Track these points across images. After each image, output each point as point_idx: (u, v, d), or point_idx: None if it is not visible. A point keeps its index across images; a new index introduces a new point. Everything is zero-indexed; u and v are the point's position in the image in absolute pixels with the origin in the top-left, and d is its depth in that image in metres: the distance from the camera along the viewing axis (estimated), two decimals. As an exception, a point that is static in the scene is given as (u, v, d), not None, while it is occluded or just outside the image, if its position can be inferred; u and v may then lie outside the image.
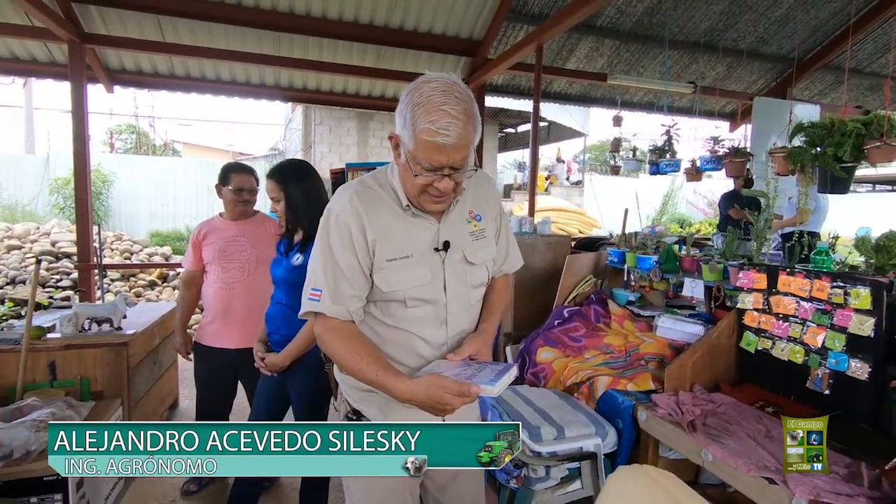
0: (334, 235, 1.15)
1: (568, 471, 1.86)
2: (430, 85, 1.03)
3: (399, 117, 1.06)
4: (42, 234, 7.20)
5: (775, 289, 1.81)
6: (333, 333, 1.15)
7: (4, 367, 2.34)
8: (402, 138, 1.07)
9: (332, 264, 1.15)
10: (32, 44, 4.59)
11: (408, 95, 1.04)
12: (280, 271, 1.98)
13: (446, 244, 1.19)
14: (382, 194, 1.18)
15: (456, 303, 1.22)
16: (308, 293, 1.17)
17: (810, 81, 6.63)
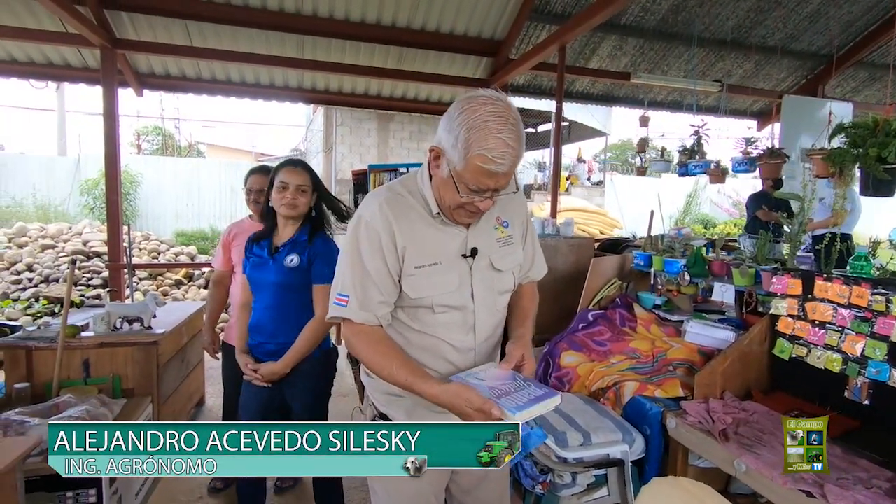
0: (364, 241, 1.15)
1: (594, 477, 1.84)
2: (485, 108, 1.00)
3: (447, 134, 1.04)
4: (74, 233, 7.42)
5: (811, 295, 1.76)
6: (361, 337, 1.16)
7: (41, 365, 2.41)
8: (448, 155, 1.06)
9: (361, 270, 1.14)
10: (66, 49, 4.73)
11: (461, 115, 1.01)
12: (270, 275, 1.88)
13: (474, 251, 1.19)
14: (412, 201, 1.18)
15: (483, 309, 1.23)
16: (335, 298, 1.17)
17: (842, 78, 6.43)
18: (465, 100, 1.03)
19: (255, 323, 1.93)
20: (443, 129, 1.06)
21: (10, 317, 5.15)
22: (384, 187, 1.22)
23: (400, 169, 4.57)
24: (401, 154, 9.84)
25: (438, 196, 1.14)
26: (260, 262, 1.91)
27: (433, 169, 1.12)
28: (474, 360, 1.24)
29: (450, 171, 1.06)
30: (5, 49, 4.72)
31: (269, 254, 1.90)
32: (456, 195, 1.08)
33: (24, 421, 1.94)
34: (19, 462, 1.52)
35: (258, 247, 1.94)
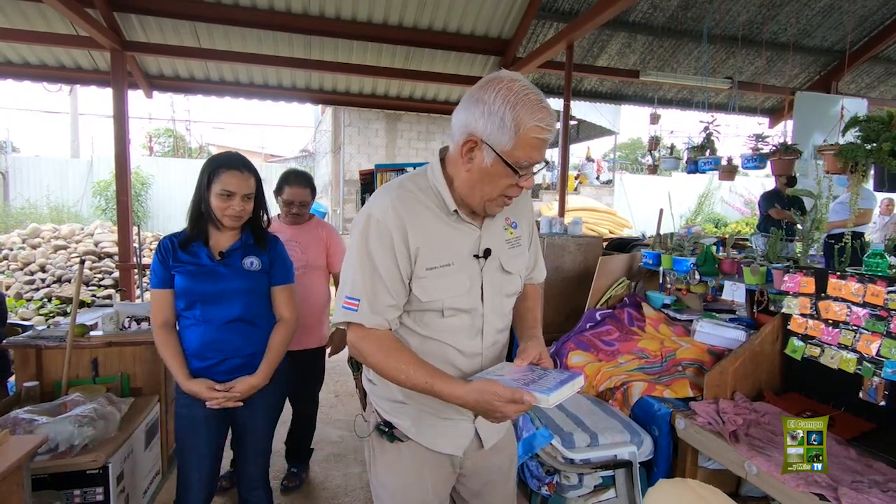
0: (374, 241, 1.08)
1: (602, 479, 1.81)
2: (516, 84, 0.99)
3: (486, 119, 0.99)
4: (86, 234, 7.51)
5: (824, 293, 1.71)
6: (370, 343, 1.10)
7: (51, 363, 2.43)
8: (492, 140, 1.00)
9: (372, 272, 1.08)
10: (77, 52, 4.79)
11: (497, 96, 0.98)
12: (229, 282, 1.69)
13: (487, 251, 1.15)
14: (424, 198, 1.12)
15: (492, 312, 1.19)
16: (342, 301, 1.11)
17: (856, 74, 6.33)
18: (491, 82, 1.01)
19: (209, 340, 1.68)
20: (477, 116, 1.00)
21: (24, 316, 5.23)
22: (394, 184, 1.16)
23: (406, 168, 4.57)
24: (409, 154, 9.85)
25: (467, 191, 1.09)
26: (202, 271, 1.67)
27: (464, 164, 1.06)
28: (480, 365, 1.21)
29: (495, 158, 1.01)
30: (19, 52, 4.79)
31: (211, 260, 1.69)
32: (499, 183, 1.04)
33: (32, 419, 1.95)
34: (26, 460, 1.53)
35: (186, 254, 1.68)
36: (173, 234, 1.73)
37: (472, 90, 1.04)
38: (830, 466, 1.38)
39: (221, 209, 1.65)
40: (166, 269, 1.67)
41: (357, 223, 1.12)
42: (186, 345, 1.69)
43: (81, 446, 1.98)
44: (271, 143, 22.23)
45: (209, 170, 1.66)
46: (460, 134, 1.04)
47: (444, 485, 1.26)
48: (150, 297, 1.71)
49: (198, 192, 1.67)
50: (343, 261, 1.16)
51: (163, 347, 1.67)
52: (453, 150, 1.09)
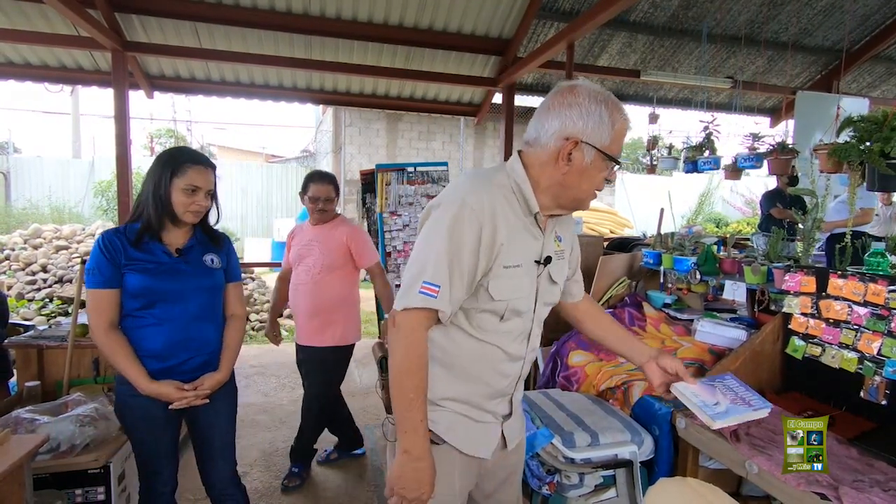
0: (465, 230, 1.05)
1: (602, 478, 1.81)
2: (596, 86, 1.10)
3: (584, 119, 1.07)
4: (87, 234, 7.52)
5: (825, 292, 1.71)
6: (420, 335, 1.07)
7: (52, 363, 2.44)
8: (592, 137, 1.07)
9: (457, 261, 1.05)
10: (79, 53, 4.79)
11: (588, 97, 1.07)
12: (192, 279, 1.65)
13: (548, 259, 1.18)
14: (509, 196, 1.13)
15: (537, 318, 1.23)
16: (419, 285, 1.05)
17: (858, 74, 6.32)
18: (574, 88, 1.09)
19: (176, 339, 1.62)
20: (575, 119, 1.07)
21: (25, 317, 5.24)
22: (482, 176, 1.15)
23: (407, 168, 4.58)
24: (410, 154, 9.86)
25: (560, 191, 1.12)
26: (161, 269, 1.60)
27: (561, 166, 1.09)
28: (521, 371, 1.24)
29: (595, 154, 1.08)
30: (20, 53, 4.80)
31: (170, 257, 1.63)
32: (596, 179, 1.11)
33: (34, 419, 1.96)
34: (27, 459, 1.54)
35: (139, 251, 1.59)
36: (115, 229, 1.62)
37: (551, 100, 1.10)
38: (831, 466, 1.38)
39: (185, 205, 1.60)
40: (115, 268, 1.56)
41: (447, 208, 1.08)
42: (145, 345, 1.59)
43: (83, 446, 1.99)
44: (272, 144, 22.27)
45: (172, 164, 1.60)
46: (555, 139, 1.09)
47: (468, 488, 1.27)
48: (90, 297, 1.56)
49: (156, 187, 1.59)
50: (418, 243, 1.12)
51: (115, 351, 1.56)
52: (543, 155, 1.11)
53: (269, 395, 3.92)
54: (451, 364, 1.16)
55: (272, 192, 13.21)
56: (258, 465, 2.84)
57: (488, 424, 1.22)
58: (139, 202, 1.63)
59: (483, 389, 1.19)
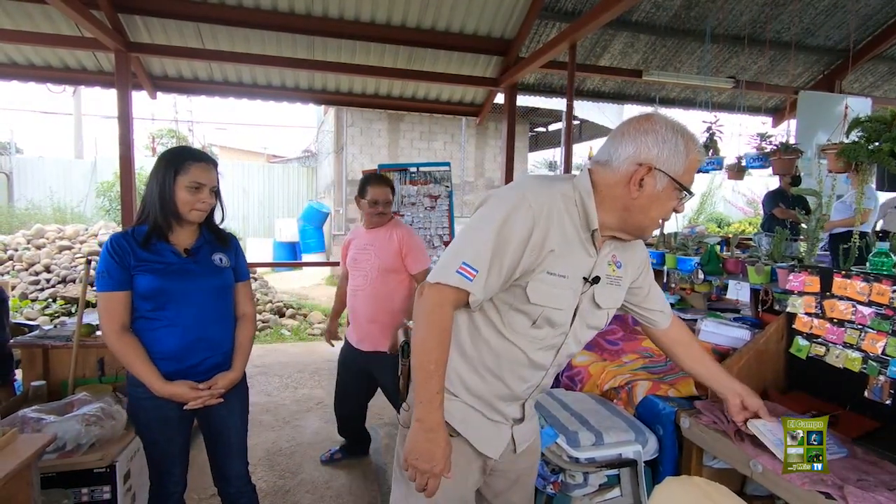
0: (518, 222, 1.06)
1: (607, 478, 1.81)
2: (671, 118, 1.12)
3: (660, 147, 1.08)
4: (90, 234, 7.54)
5: (829, 292, 1.71)
6: (448, 313, 1.07)
7: (57, 363, 2.45)
8: (666, 166, 1.08)
9: (502, 251, 1.06)
10: (82, 53, 4.81)
11: (664, 126, 1.09)
12: (204, 279, 1.65)
13: (596, 279, 1.18)
14: (570, 207, 1.14)
15: (573, 335, 1.22)
16: (458, 264, 1.05)
17: (860, 73, 6.31)
18: (650, 117, 1.11)
19: (191, 340, 1.62)
20: (651, 145, 1.08)
21: (29, 317, 5.25)
22: (550, 181, 1.16)
23: (410, 168, 4.59)
24: (411, 154, 9.86)
25: (626, 215, 1.13)
26: (170, 269, 1.60)
27: (632, 191, 1.10)
28: (541, 380, 1.25)
29: (668, 182, 1.09)
30: (23, 54, 4.81)
31: (179, 257, 1.63)
32: (666, 206, 1.13)
33: (40, 418, 1.97)
34: (35, 458, 1.54)
35: (148, 252, 1.59)
36: (124, 232, 1.62)
37: (627, 126, 1.12)
38: (836, 465, 1.39)
39: (190, 203, 1.59)
40: (125, 270, 1.55)
41: (505, 198, 1.09)
42: (159, 347, 1.59)
43: (88, 445, 2.00)
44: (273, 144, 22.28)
45: (176, 163, 1.60)
46: (628, 164, 1.09)
47: (478, 484, 1.28)
48: (101, 300, 1.56)
49: (160, 187, 1.59)
50: (468, 225, 1.12)
51: (128, 353, 1.56)
52: (613, 178, 1.12)
53: (273, 395, 3.93)
54: (472, 356, 1.17)
55: (274, 192, 13.23)
56: (262, 465, 2.85)
57: (499, 424, 1.23)
58: (145, 204, 1.64)
59: (499, 389, 1.19)
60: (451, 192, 4.65)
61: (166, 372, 1.59)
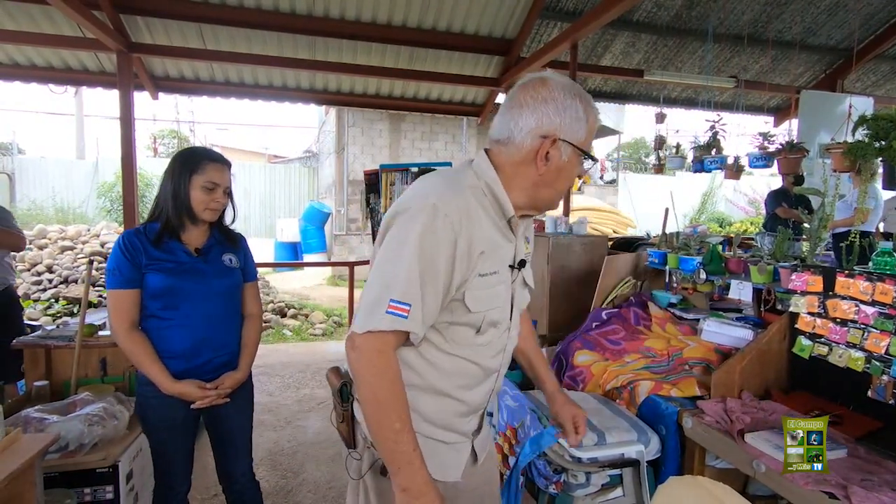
0: (439, 239, 0.94)
1: (609, 477, 1.81)
2: (565, 78, 1.04)
3: (561, 115, 1.00)
4: (92, 235, 7.55)
5: (832, 292, 1.71)
6: (390, 355, 0.94)
7: (60, 363, 2.45)
8: (569, 134, 1.01)
9: (431, 276, 0.94)
10: (84, 54, 4.82)
11: (561, 92, 1.00)
12: (213, 279, 1.66)
13: (522, 262, 1.11)
14: (483, 200, 1.04)
15: (514, 327, 1.16)
16: (386, 304, 0.92)
17: (862, 73, 6.30)
18: (544, 82, 1.02)
19: (200, 339, 1.63)
20: (551, 115, 1.00)
21: (31, 317, 5.26)
22: (452, 177, 1.05)
23: (412, 168, 4.58)
24: (412, 154, 9.86)
25: (534, 192, 1.06)
26: (182, 268, 1.62)
27: (538, 166, 1.02)
28: (493, 386, 1.17)
29: (572, 151, 1.02)
30: (26, 55, 4.82)
31: (190, 257, 1.64)
32: (571, 176, 1.06)
33: (43, 418, 1.97)
34: (38, 458, 1.55)
35: (160, 251, 1.60)
36: (135, 229, 1.62)
37: (521, 95, 1.02)
38: (840, 465, 1.38)
39: (204, 202, 1.62)
40: (136, 268, 1.56)
41: (415, 215, 0.95)
42: (168, 346, 1.60)
43: (91, 445, 2.00)
44: (275, 144, 22.30)
45: (192, 162, 1.61)
46: (531, 138, 1.01)
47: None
48: (111, 298, 1.56)
49: (175, 186, 1.60)
50: (382, 255, 0.98)
51: (137, 351, 1.57)
52: (517, 154, 1.03)
53: (274, 395, 3.93)
54: (420, 383, 1.05)
55: (275, 192, 13.24)
56: (264, 465, 2.85)
57: (457, 444, 1.13)
58: (158, 202, 1.65)
59: (455, 407, 1.09)
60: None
61: (175, 371, 1.60)
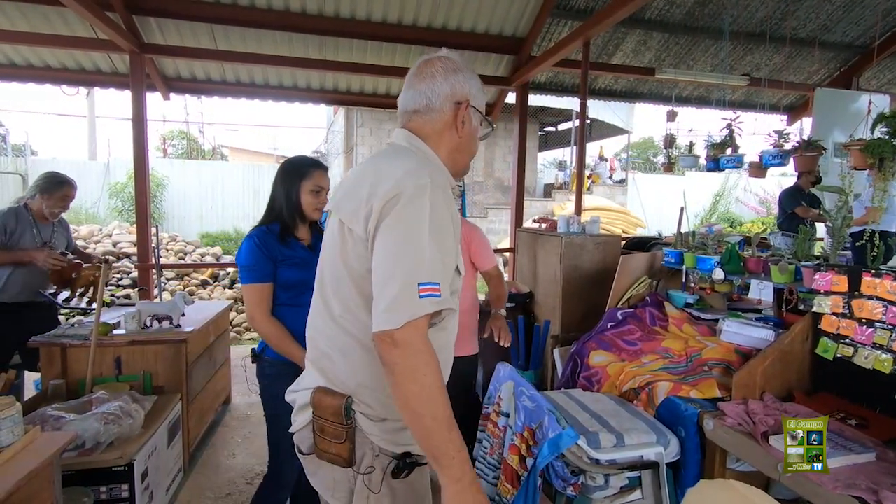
0: (444, 213, 0.95)
1: (628, 480, 1.79)
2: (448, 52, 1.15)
3: (467, 83, 1.10)
4: (104, 235, 7.61)
5: (858, 291, 1.68)
6: (431, 347, 0.90)
7: (75, 362, 2.46)
8: (475, 102, 1.11)
9: (445, 248, 0.95)
10: (97, 55, 4.85)
11: (465, 65, 1.13)
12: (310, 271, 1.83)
13: None
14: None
15: None
16: (416, 290, 0.88)
17: (878, 70, 6.21)
18: (449, 57, 1.12)
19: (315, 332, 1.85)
20: (462, 82, 1.10)
21: (45, 316, 5.29)
22: (408, 155, 1.05)
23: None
24: (421, 154, 9.85)
25: (458, 157, 1.13)
26: (305, 262, 1.79)
27: (458, 131, 1.10)
28: None
29: (478, 116, 1.13)
30: (40, 56, 4.86)
31: (305, 251, 1.85)
32: (478, 139, 1.15)
33: (60, 416, 1.98)
34: (57, 457, 1.55)
35: (287, 248, 1.80)
36: (264, 229, 1.82)
37: (431, 68, 1.10)
38: (869, 469, 1.35)
39: (314, 204, 1.85)
40: (271, 263, 1.75)
41: (415, 197, 0.93)
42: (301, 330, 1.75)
43: (107, 444, 2.01)
44: (283, 145, 22.38)
45: (300, 170, 1.85)
46: (449, 104, 1.09)
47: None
48: (251, 291, 1.75)
49: (287, 191, 1.83)
50: (392, 243, 0.93)
51: (281, 336, 1.73)
52: (438, 122, 1.09)
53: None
54: None
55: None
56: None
57: None
58: (272, 206, 1.85)
59: None
60: (463, 192, 4.62)
61: None
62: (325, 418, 1.02)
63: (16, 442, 1.47)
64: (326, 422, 1.02)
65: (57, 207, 2.86)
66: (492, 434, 2.00)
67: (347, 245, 1.00)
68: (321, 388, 1.04)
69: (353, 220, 0.98)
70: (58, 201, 2.85)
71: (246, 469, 2.75)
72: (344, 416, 0.99)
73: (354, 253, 0.99)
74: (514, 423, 1.87)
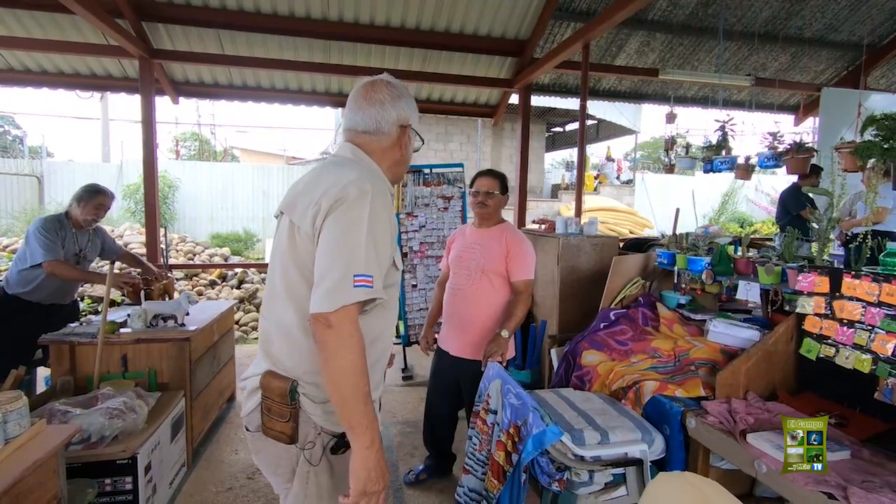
0: (381, 215, 1.11)
1: (613, 476, 1.82)
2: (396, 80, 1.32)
3: (409, 106, 1.30)
4: (116, 236, 7.77)
5: (839, 292, 1.70)
6: (359, 330, 1.05)
7: (83, 359, 2.55)
8: (413, 123, 1.32)
9: (380, 246, 1.10)
10: (108, 61, 4.98)
11: (405, 90, 1.31)
12: None
13: None
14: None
15: None
16: (351, 280, 1.02)
17: (887, 69, 6.14)
18: (385, 82, 1.28)
19: None
20: (405, 107, 1.28)
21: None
22: (361, 167, 1.20)
23: (424, 170, 4.63)
24: (427, 155, 9.91)
25: (398, 169, 1.33)
26: None
27: (401, 150, 1.30)
28: None
29: (414, 135, 1.34)
30: (53, 62, 5.00)
31: None
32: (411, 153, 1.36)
33: (67, 411, 2.07)
34: (61, 449, 1.63)
35: None
36: None
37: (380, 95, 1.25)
38: (842, 466, 1.38)
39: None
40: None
41: (357, 201, 1.08)
42: None
43: (111, 437, 2.09)
44: (293, 146, 22.58)
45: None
46: (396, 126, 1.27)
47: None
48: None
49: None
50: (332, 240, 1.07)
51: None
52: (385, 142, 1.28)
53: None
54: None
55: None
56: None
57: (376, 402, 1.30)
58: None
59: (378, 373, 1.26)
60: (463, 193, 4.67)
61: None
62: (272, 399, 1.14)
63: (22, 434, 1.55)
64: (273, 402, 1.14)
65: (91, 215, 3.01)
66: (480, 431, 2.04)
67: (296, 241, 1.14)
68: (269, 372, 1.17)
69: (302, 219, 1.12)
70: (92, 209, 2.99)
71: (248, 464, 2.83)
72: (289, 398, 1.11)
73: (303, 247, 1.12)
74: (501, 420, 1.92)
